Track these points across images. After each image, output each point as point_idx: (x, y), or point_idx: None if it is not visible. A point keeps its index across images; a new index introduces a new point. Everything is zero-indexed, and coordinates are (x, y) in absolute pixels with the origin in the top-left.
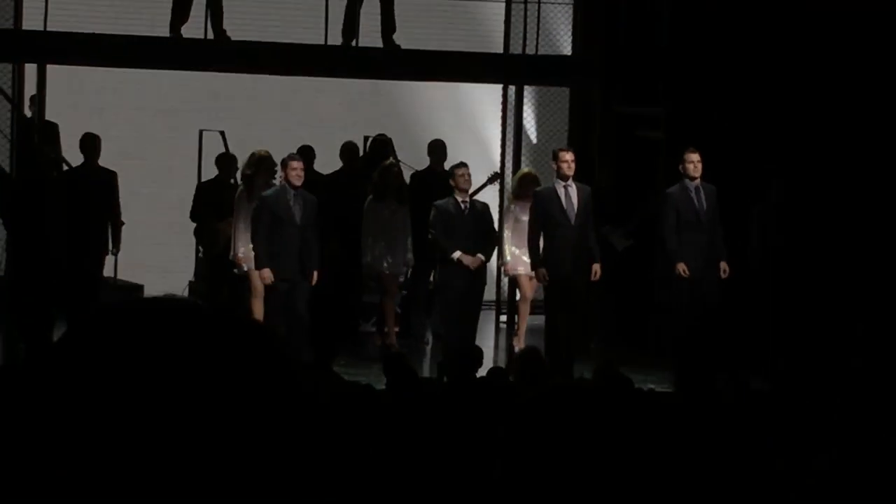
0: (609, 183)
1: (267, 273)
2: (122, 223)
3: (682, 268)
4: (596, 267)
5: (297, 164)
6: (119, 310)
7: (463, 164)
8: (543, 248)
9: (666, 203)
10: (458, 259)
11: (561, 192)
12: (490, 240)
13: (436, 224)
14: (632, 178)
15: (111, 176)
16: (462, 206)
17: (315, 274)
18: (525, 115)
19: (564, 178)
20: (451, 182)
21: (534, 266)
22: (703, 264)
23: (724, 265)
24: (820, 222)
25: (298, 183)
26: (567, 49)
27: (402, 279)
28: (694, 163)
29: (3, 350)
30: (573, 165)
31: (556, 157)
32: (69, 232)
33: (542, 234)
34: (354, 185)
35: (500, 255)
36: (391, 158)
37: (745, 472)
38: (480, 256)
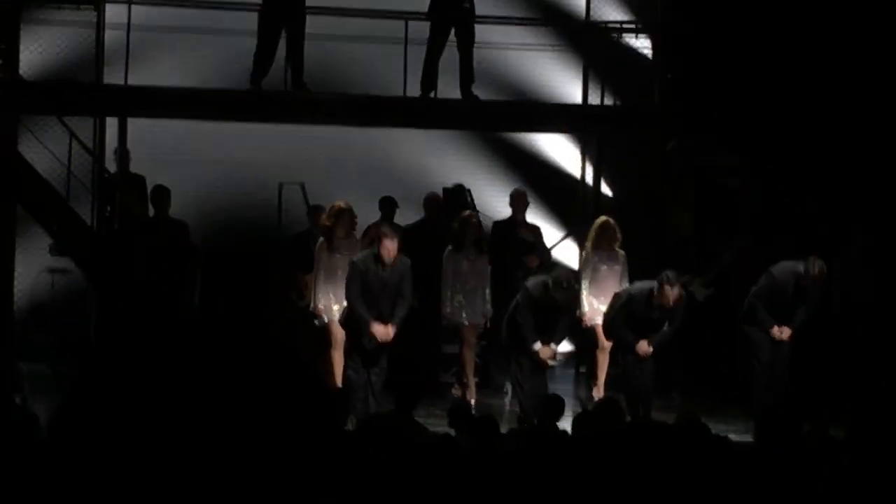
0: (689, 231)
1: (381, 329)
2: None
3: (776, 332)
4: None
5: (389, 245)
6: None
7: (573, 280)
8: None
9: (767, 281)
10: (536, 351)
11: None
12: (566, 323)
13: (522, 312)
14: (709, 226)
15: (182, 227)
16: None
17: (387, 329)
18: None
19: (663, 307)
20: (555, 295)
21: (632, 346)
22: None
23: (786, 332)
24: None
25: (388, 259)
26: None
27: (481, 329)
28: (814, 278)
29: None
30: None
31: (660, 290)
32: (151, 283)
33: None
34: (436, 235)
35: (578, 306)
36: (470, 209)
37: None
38: (555, 349)
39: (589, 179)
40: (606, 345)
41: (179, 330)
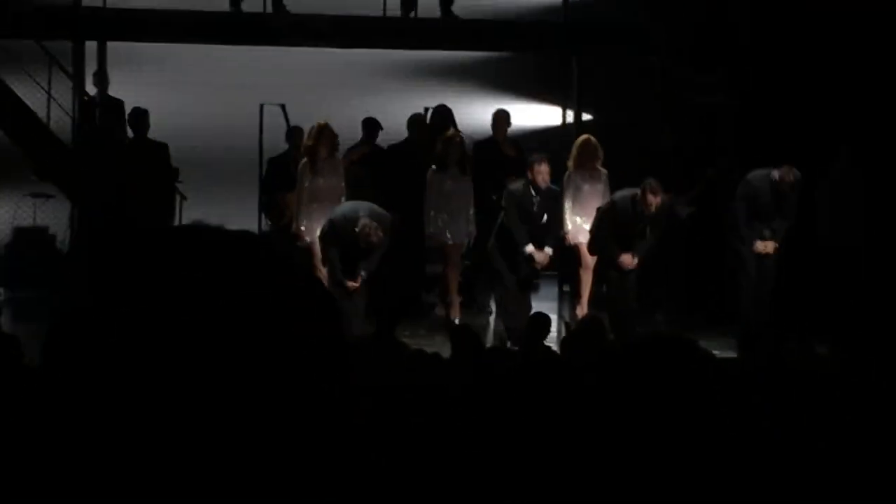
0: (671, 149)
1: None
2: (183, 197)
3: (761, 246)
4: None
5: (370, 229)
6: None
7: (544, 159)
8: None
9: (745, 190)
10: (529, 254)
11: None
12: (553, 230)
13: (509, 210)
14: (694, 144)
15: (162, 149)
16: (534, 198)
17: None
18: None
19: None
20: (528, 173)
21: (617, 256)
22: (770, 234)
23: (770, 245)
24: (889, 190)
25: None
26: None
27: (464, 250)
28: (790, 182)
29: None
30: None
31: (643, 193)
32: (127, 205)
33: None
34: (419, 156)
35: (561, 224)
36: (452, 129)
37: (808, 436)
38: (549, 252)
39: (571, 99)
40: (590, 263)
41: (164, 247)
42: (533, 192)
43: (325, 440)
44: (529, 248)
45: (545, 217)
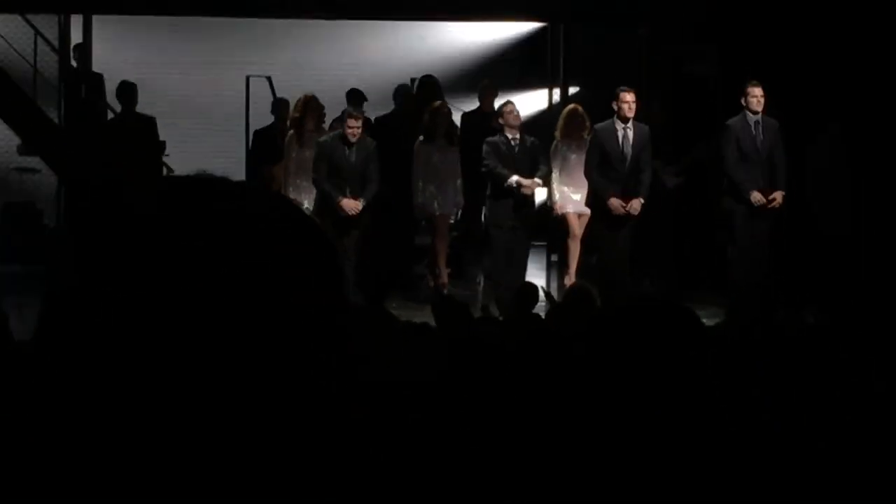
0: (661, 121)
1: (351, 203)
2: (170, 170)
3: (757, 197)
4: (635, 202)
5: (354, 123)
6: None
7: (510, 102)
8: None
9: (726, 135)
10: (516, 182)
11: (619, 132)
12: (543, 170)
13: (489, 157)
14: (683, 115)
15: (150, 122)
16: (513, 142)
17: (346, 202)
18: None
19: (624, 119)
20: (500, 120)
21: (607, 198)
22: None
23: (778, 195)
24: (879, 162)
25: (353, 140)
26: None
27: (452, 220)
28: (757, 97)
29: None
30: (634, 107)
31: (616, 98)
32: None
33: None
34: (406, 127)
35: (549, 194)
36: (440, 100)
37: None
38: (537, 180)
39: (556, 76)
40: (578, 233)
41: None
42: (510, 138)
43: (328, 415)
44: (515, 178)
45: (528, 165)
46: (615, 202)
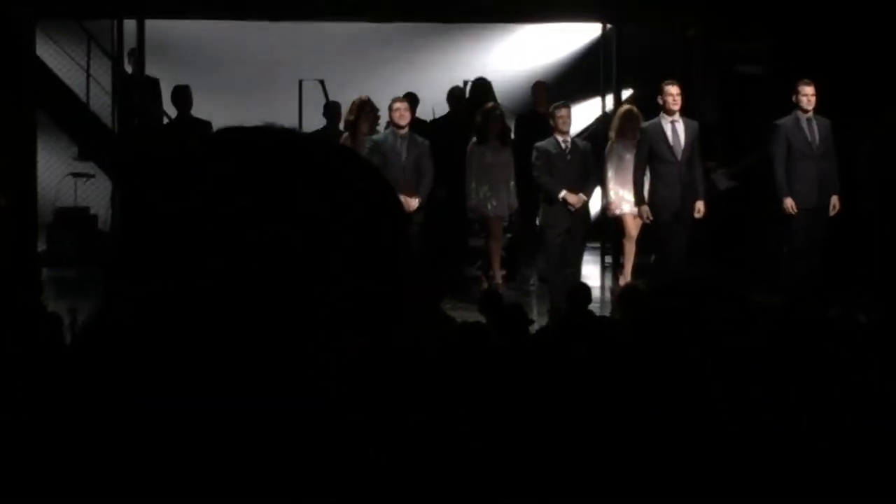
0: (715, 120)
1: (406, 200)
2: None
3: (790, 204)
4: (699, 204)
5: (399, 105)
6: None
7: (564, 105)
8: (650, 185)
9: (776, 134)
10: (562, 198)
11: (667, 127)
12: (592, 178)
13: (538, 164)
14: (734, 114)
15: (206, 126)
16: (563, 145)
17: (409, 200)
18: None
19: (670, 112)
20: (552, 123)
21: (638, 203)
22: (816, 196)
23: (834, 199)
24: None
25: (403, 123)
26: None
27: (506, 222)
28: (808, 95)
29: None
30: (678, 99)
31: (661, 92)
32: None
33: (647, 170)
34: (460, 129)
35: (604, 195)
36: (492, 102)
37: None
38: (583, 196)
39: (609, 79)
40: (633, 234)
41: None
42: (560, 142)
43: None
44: (563, 192)
45: (579, 170)
46: (569, 197)
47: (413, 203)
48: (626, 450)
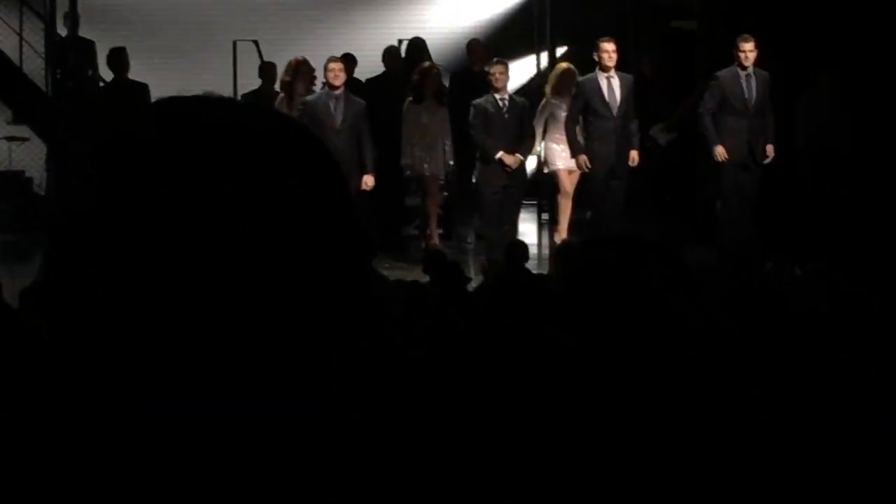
0: (652, 75)
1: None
2: None
3: (720, 151)
4: (633, 154)
5: (334, 66)
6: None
7: (500, 62)
8: (585, 139)
9: (712, 87)
10: (499, 159)
11: (603, 83)
12: (530, 137)
13: (475, 123)
14: (673, 71)
15: (143, 88)
16: (501, 103)
17: (366, 179)
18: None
19: (605, 69)
20: (489, 80)
21: (575, 154)
22: (748, 151)
23: (769, 148)
24: (869, 112)
25: (337, 83)
26: None
27: (442, 181)
28: (746, 52)
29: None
30: (614, 56)
31: (596, 48)
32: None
33: (580, 123)
34: (396, 88)
35: (539, 152)
36: (428, 61)
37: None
38: (519, 157)
39: (543, 37)
40: (569, 190)
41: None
42: (497, 100)
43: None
44: (499, 153)
45: (516, 127)
46: (506, 157)
47: (370, 181)
48: (571, 420)
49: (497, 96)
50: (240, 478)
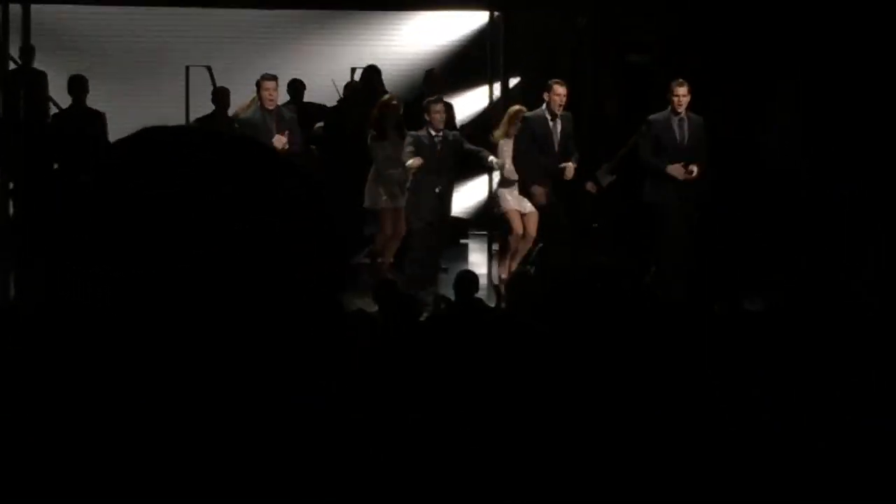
0: (615, 111)
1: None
2: None
3: (674, 168)
4: (570, 166)
5: (268, 84)
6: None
7: (438, 100)
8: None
9: (644, 130)
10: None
11: (550, 123)
12: (452, 174)
13: (407, 152)
14: (631, 104)
15: (99, 116)
16: (435, 138)
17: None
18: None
19: (553, 114)
20: (426, 116)
21: (529, 184)
22: (676, 194)
23: (695, 167)
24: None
25: (270, 107)
26: None
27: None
28: (679, 96)
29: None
30: (565, 101)
31: (548, 89)
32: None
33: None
34: (349, 116)
35: (492, 191)
36: (389, 94)
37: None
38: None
39: (496, 69)
40: (519, 231)
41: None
42: (433, 135)
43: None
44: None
45: (446, 163)
46: (539, 191)
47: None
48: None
49: (432, 131)
50: (239, 477)
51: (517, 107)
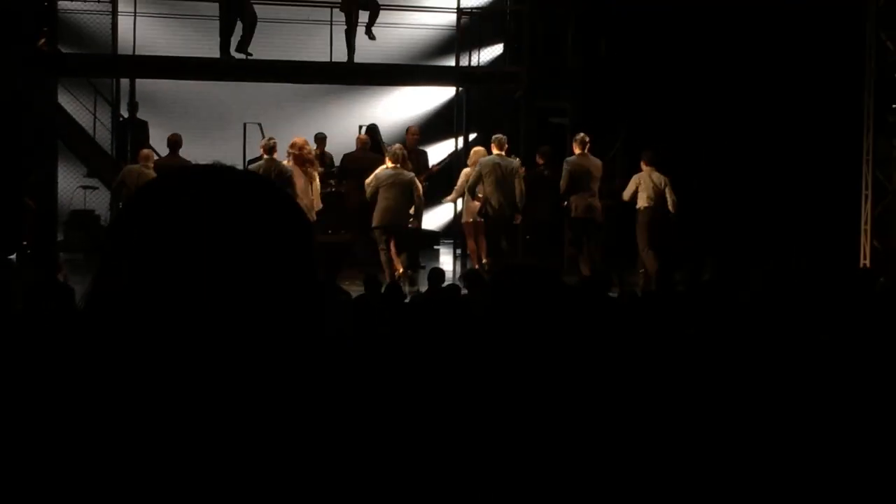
0: (544, 160)
1: None
2: None
3: (582, 197)
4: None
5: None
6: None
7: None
8: (484, 197)
9: (565, 169)
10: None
11: (495, 161)
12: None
13: (371, 182)
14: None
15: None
16: (394, 175)
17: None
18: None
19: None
20: (386, 158)
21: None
22: (588, 211)
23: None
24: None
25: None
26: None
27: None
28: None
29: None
30: (506, 147)
31: (495, 140)
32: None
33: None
34: (364, 162)
35: (459, 207)
36: (381, 141)
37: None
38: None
39: (461, 126)
40: (472, 234)
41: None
42: (393, 172)
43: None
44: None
45: (401, 194)
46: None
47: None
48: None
49: (391, 171)
50: (240, 476)
51: (480, 147)
